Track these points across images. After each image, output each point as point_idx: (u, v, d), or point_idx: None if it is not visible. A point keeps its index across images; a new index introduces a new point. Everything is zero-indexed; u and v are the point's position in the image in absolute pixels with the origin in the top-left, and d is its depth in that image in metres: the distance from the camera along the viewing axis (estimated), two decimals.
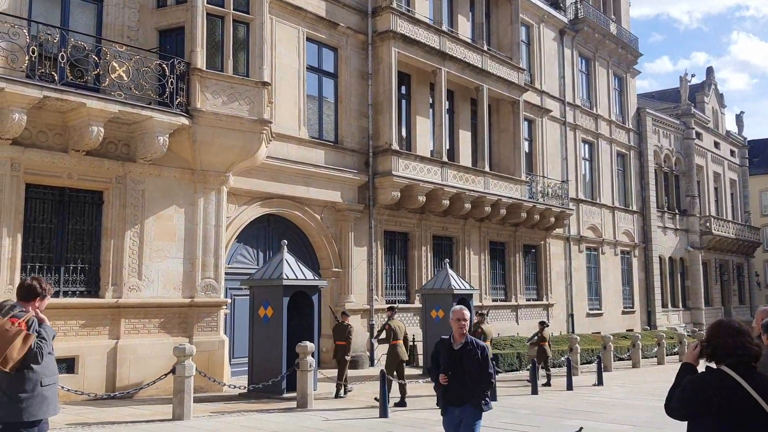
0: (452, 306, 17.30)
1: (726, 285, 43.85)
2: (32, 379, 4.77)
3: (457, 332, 6.10)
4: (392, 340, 13.45)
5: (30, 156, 12.13)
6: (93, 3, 13.88)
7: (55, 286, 12.50)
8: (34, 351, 4.73)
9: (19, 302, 4.99)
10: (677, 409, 3.36)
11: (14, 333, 4.67)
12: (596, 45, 32.33)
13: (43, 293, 5.06)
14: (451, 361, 5.99)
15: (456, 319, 6.10)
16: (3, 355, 4.59)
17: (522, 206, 24.37)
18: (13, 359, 4.64)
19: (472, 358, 5.98)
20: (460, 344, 6.06)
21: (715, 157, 43.76)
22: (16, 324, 4.73)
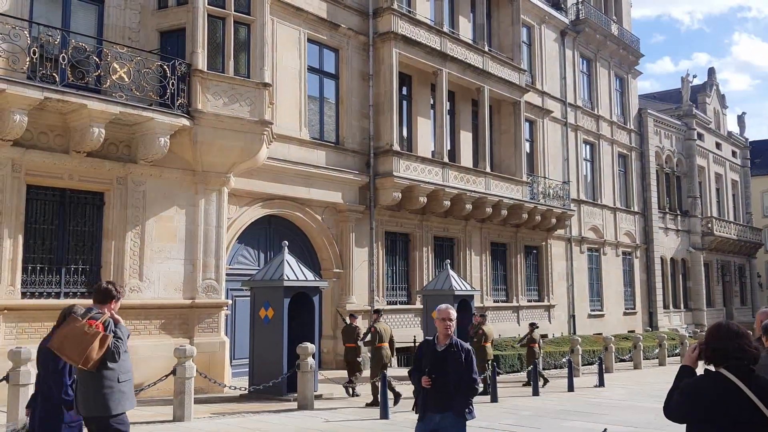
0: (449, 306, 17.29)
1: (728, 286, 43.80)
2: (110, 376, 5.21)
3: (442, 333, 5.71)
4: (377, 343, 13.48)
5: (31, 157, 12.14)
6: (94, 4, 13.90)
7: (55, 287, 12.53)
8: (112, 350, 5.15)
9: (95, 305, 5.38)
10: (675, 411, 3.35)
11: (93, 335, 5.08)
12: (597, 46, 32.32)
13: (117, 296, 5.47)
14: (435, 363, 5.60)
15: (441, 319, 5.70)
16: (84, 355, 5.02)
17: (523, 207, 24.36)
18: (93, 359, 5.06)
19: (457, 361, 5.59)
20: (444, 346, 5.68)
21: (717, 158, 43.72)
22: (94, 326, 5.13)
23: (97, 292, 5.48)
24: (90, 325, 5.12)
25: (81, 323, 5.13)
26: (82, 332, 5.09)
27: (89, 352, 5.05)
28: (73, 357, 5.10)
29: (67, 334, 5.13)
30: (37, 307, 12.07)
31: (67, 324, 5.21)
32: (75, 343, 5.08)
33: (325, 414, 11.78)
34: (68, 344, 5.10)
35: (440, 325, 5.71)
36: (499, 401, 13.52)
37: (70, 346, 5.09)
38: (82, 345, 5.05)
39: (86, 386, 5.21)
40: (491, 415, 11.86)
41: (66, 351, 5.13)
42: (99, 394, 5.17)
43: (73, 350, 5.08)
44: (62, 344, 5.15)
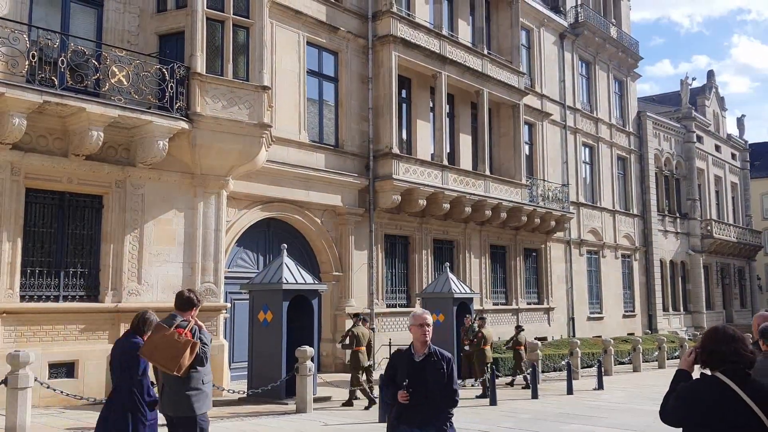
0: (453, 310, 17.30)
1: (727, 288, 43.81)
2: (197, 378, 5.59)
3: (419, 340, 5.16)
4: (355, 347, 13.55)
5: (30, 160, 12.15)
6: (93, 8, 13.92)
7: (54, 290, 12.53)
8: (200, 356, 5.52)
9: (177, 311, 5.68)
10: (672, 415, 3.36)
11: (184, 343, 5.40)
12: (596, 49, 32.36)
13: (198, 303, 5.80)
14: (413, 375, 5.05)
15: (418, 325, 5.16)
16: (177, 363, 5.35)
17: (522, 210, 24.37)
18: (184, 366, 5.41)
19: (437, 371, 5.09)
20: (422, 355, 5.14)
21: (716, 160, 43.75)
22: (183, 334, 5.45)
23: (180, 300, 5.75)
24: (179, 334, 5.43)
25: (170, 332, 5.42)
26: (173, 341, 5.38)
27: (182, 360, 5.35)
28: (167, 365, 5.37)
29: (158, 342, 5.39)
30: (35, 311, 12.08)
31: (156, 332, 5.48)
32: (167, 352, 5.36)
33: (324, 418, 11.77)
34: (160, 353, 5.37)
35: (417, 331, 5.18)
36: (498, 404, 13.51)
37: (162, 355, 5.37)
38: (174, 353, 5.35)
39: (175, 389, 5.56)
40: (490, 418, 11.86)
41: (158, 359, 5.39)
42: (186, 395, 5.54)
43: (165, 358, 5.36)
44: (153, 352, 5.40)
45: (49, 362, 12.06)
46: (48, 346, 12.10)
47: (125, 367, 5.70)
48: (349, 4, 20.03)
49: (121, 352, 5.77)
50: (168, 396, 5.64)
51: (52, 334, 12.24)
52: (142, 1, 14.30)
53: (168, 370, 5.40)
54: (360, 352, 13.51)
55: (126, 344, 5.78)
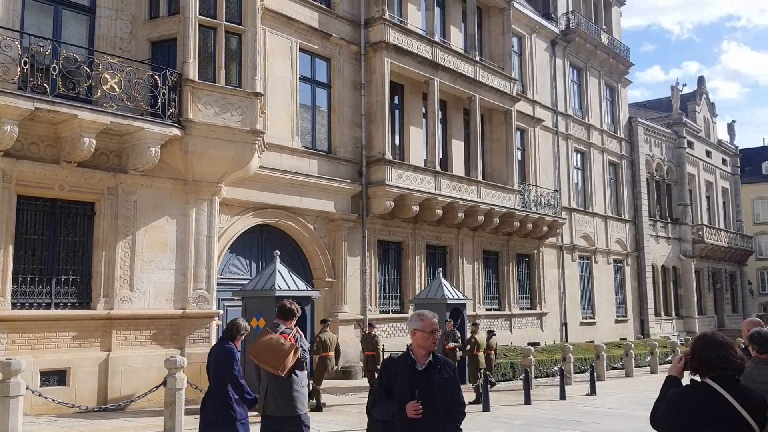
0: (446, 316, 17.33)
1: (719, 293, 44.00)
2: (298, 381, 6.11)
3: (425, 347, 4.51)
4: (322, 352, 13.79)
5: (22, 167, 12.11)
6: (85, 14, 13.91)
7: (46, 297, 12.48)
8: (302, 360, 6.10)
9: (279, 320, 6.31)
10: (662, 421, 3.37)
11: (289, 347, 5.99)
12: (588, 55, 32.54)
13: (297, 313, 6.39)
14: (416, 387, 4.39)
15: (429, 332, 4.49)
16: (282, 364, 5.92)
17: (515, 215, 24.44)
18: (288, 367, 5.96)
19: (445, 381, 4.47)
20: (425, 363, 4.50)
21: (707, 165, 43.99)
22: (288, 339, 6.05)
23: (282, 310, 6.37)
24: (285, 339, 6.04)
25: (276, 337, 6.04)
26: (279, 345, 5.99)
27: (285, 362, 5.94)
28: (274, 365, 5.95)
29: (265, 346, 6.02)
30: (27, 318, 12.02)
31: (263, 337, 6.10)
32: (274, 354, 5.97)
33: (317, 424, 11.73)
34: (268, 355, 5.98)
35: (425, 339, 4.51)
36: (492, 410, 13.53)
37: (269, 357, 5.97)
38: (280, 356, 5.95)
39: (279, 390, 6.05)
40: (483, 424, 11.87)
41: (266, 360, 5.99)
42: (289, 396, 6.04)
43: (273, 360, 5.95)
44: (262, 355, 6.01)
45: (40, 370, 11.99)
46: (40, 353, 12.04)
47: (220, 370, 6.38)
48: (342, 10, 20.09)
49: (216, 358, 6.47)
50: (273, 397, 6.09)
51: (43, 341, 12.17)
52: (134, 8, 14.30)
53: (274, 370, 5.95)
54: (327, 358, 13.73)
55: (221, 350, 6.50)
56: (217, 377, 6.46)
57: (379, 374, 4.74)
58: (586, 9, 33.65)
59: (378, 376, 4.74)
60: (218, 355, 6.54)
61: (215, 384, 6.46)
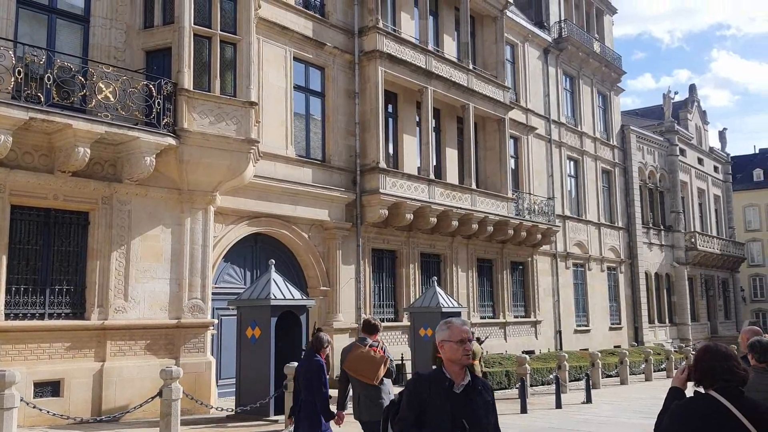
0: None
1: (712, 300, 44.13)
2: (385, 389, 6.81)
3: (457, 362, 3.72)
4: None
5: (15, 177, 12.05)
6: (79, 24, 13.88)
7: (40, 308, 12.39)
8: (391, 370, 6.86)
9: (364, 334, 7.07)
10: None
11: (379, 359, 6.78)
12: (580, 63, 32.71)
13: (380, 328, 7.20)
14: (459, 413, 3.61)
15: (457, 341, 3.73)
16: (376, 374, 6.71)
17: (509, 223, 24.48)
18: (380, 377, 6.74)
19: (487, 405, 3.75)
20: (462, 385, 3.71)
21: (699, 173, 44.22)
22: (378, 352, 6.81)
23: (368, 325, 7.14)
24: (374, 352, 6.79)
25: (366, 350, 6.80)
26: (371, 357, 6.76)
27: (379, 373, 6.71)
28: (369, 376, 6.72)
29: (359, 358, 6.79)
30: (20, 329, 11.93)
31: (355, 351, 6.85)
32: (368, 366, 6.74)
33: None
34: (362, 366, 6.76)
35: (455, 351, 3.72)
36: None
37: (364, 368, 6.75)
38: (373, 367, 6.72)
39: (370, 398, 6.75)
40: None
41: (361, 372, 6.76)
42: (380, 403, 6.66)
43: (367, 371, 6.72)
44: (357, 367, 6.78)
45: (34, 381, 11.89)
46: (33, 364, 11.95)
47: (312, 382, 6.92)
48: (336, 19, 20.13)
49: (307, 370, 7.00)
50: (364, 404, 6.78)
51: (37, 352, 12.08)
52: (128, 17, 14.29)
53: (368, 380, 6.71)
54: None
55: (311, 363, 7.02)
56: (308, 389, 6.97)
57: (406, 399, 3.78)
58: (579, 17, 33.85)
59: (403, 400, 3.79)
60: (309, 367, 7.03)
61: (307, 395, 6.96)
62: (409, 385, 3.80)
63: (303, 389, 7.00)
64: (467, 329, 3.79)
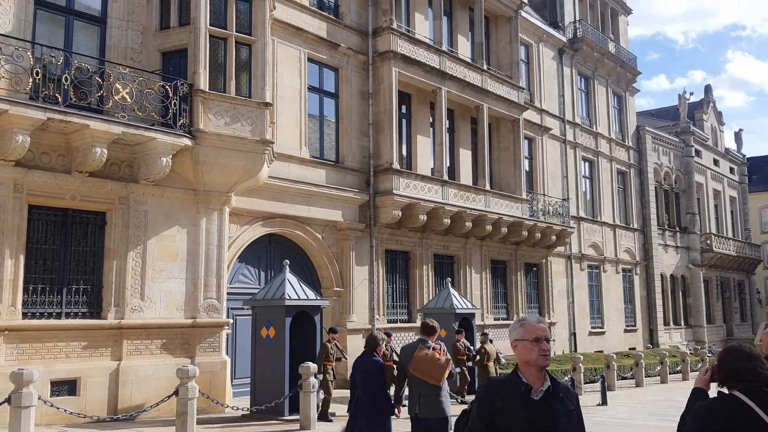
0: (454, 326, 17.30)
1: (727, 302, 43.75)
2: (444, 388, 7.20)
3: (533, 363, 3.27)
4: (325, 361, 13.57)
5: (33, 177, 12.15)
6: (96, 25, 13.98)
7: (57, 307, 12.49)
8: (452, 371, 7.28)
9: (423, 336, 7.43)
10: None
11: (444, 361, 7.15)
12: (595, 64, 32.54)
13: (438, 329, 7.59)
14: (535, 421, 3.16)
15: (532, 339, 3.28)
16: (442, 376, 7.08)
17: (523, 224, 24.38)
18: (443, 378, 7.11)
19: (570, 415, 3.29)
20: (542, 391, 3.24)
21: (715, 174, 43.86)
22: (441, 354, 7.19)
23: (425, 327, 7.50)
24: (438, 354, 7.15)
25: (431, 353, 7.13)
26: (435, 359, 7.09)
27: (445, 374, 7.08)
28: (434, 377, 7.06)
29: (423, 360, 7.10)
30: (38, 328, 12.03)
31: (419, 353, 7.15)
32: (434, 368, 7.06)
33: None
34: (428, 368, 7.06)
35: (530, 350, 3.28)
36: None
37: (429, 369, 7.06)
38: (439, 368, 7.05)
39: (430, 397, 7.08)
40: None
41: (427, 373, 7.07)
42: (439, 401, 7.09)
43: (433, 372, 7.05)
44: (423, 368, 7.08)
45: (51, 380, 11.98)
46: (50, 363, 12.04)
47: (372, 380, 7.23)
48: (350, 20, 20.15)
49: (367, 369, 7.31)
50: (425, 402, 7.09)
51: (54, 351, 12.17)
52: (145, 19, 14.38)
53: (433, 381, 7.04)
54: (332, 367, 13.66)
55: (370, 363, 7.35)
56: (369, 386, 7.24)
57: (476, 407, 3.30)
58: (593, 18, 33.69)
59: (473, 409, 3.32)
60: (370, 366, 7.37)
61: (365, 392, 7.24)
62: (479, 391, 3.36)
63: (360, 387, 7.28)
64: (543, 326, 3.35)
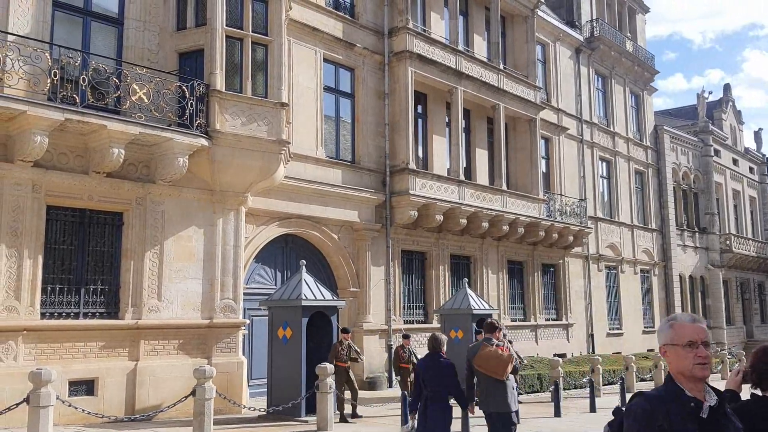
0: (471, 327, 17.16)
1: (747, 304, 43.21)
2: (509, 384, 7.60)
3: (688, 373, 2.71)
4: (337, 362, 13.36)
5: (51, 178, 12.21)
6: (113, 26, 14.03)
7: (75, 307, 12.53)
8: (516, 366, 7.78)
9: (487, 334, 7.80)
10: None
11: (507, 357, 7.53)
12: (612, 63, 32.27)
13: (500, 326, 7.97)
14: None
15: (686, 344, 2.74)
16: (505, 371, 7.47)
17: (540, 225, 24.21)
18: (507, 373, 7.52)
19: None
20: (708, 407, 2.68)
21: (734, 174, 43.34)
22: (504, 351, 7.55)
23: (488, 326, 7.90)
24: (501, 351, 7.50)
25: (494, 349, 7.52)
26: (499, 355, 7.48)
27: (507, 370, 7.47)
28: (498, 373, 7.46)
29: (488, 356, 7.49)
30: (56, 328, 12.07)
31: (483, 350, 7.55)
32: (497, 363, 7.45)
33: None
34: (492, 364, 7.46)
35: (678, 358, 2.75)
36: (522, 422, 13.28)
37: (494, 365, 7.45)
38: (502, 365, 7.45)
39: (495, 391, 7.50)
40: None
41: (491, 369, 7.46)
42: (504, 396, 7.48)
43: (497, 368, 7.44)
44: (487, 364, 7.48)
45: (69, 380, 12.02)
46: (68, 363, 12.08)
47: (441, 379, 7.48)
48: (366, 20, 20.11)
49: (438, 369, 7.53)
50: (491, 397, 7.51)
51: (72, 351, 12.22)
52: (161, 20, 14.41)
53: (497, 376, 7.44)
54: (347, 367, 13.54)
55: (439, 362, 7.58)
56: (442, 384, 7.46)
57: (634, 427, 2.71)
58: (611, 16, 33.42)
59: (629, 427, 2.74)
60: (438, 366, 7.55)
61: (434, 392, 7.46)
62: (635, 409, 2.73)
63: (428, 385, 7.51)
64: (700, 327, 2.77)
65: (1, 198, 11.70)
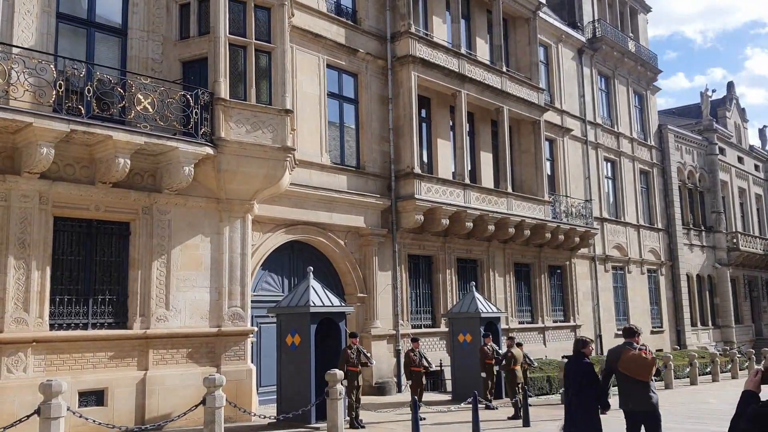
0: (480, 330, 17.20)
1: (755, 302, 43.01)
2: (651, 385, 8.04)
3: None
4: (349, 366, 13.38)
5: (58, 189, 12.23)
6: (117, 37, 14.07)
7: (83, 318, 12.54)
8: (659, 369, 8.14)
9: (627, 339, 8.18)
10: None
11: (651, 360, 8.01)
12: (615, 63, 32.23)
13: (639, 331, 8.39)
14: None
15: None
16: (650, 373, 7.94)
17: (546, 227, 24.15)
18: (651, 375, 7.98)
19: None
20: None
21: (740, 172, 43.20)
22: (647, 354, 8.01)
23: (629, 331, 8.29)
24: (644, 354, 7.96)
25: (637, 353, 7.94)
26: (643, 358, 7.91)
27: (652, 372, 7.99)
28: (641, 374, 7.90)
29: (631, 359, 7.92)
30: (65, 339, 12.08)
31: (626, 354, 7.96)
32: (642, 366, 7.89)
33: None
34: (635, 366, 7.90)
35: None
36: (532, 425, 13.27)
37: (639, 368, 7.89)
38: (646, 366, 7.91)
39: (639, 392, 7.95)
40: None
41: (636, 371, 7.89)
42: (648, 395, 7.95)
43: (642, 371, 7.88)
44: (632, 366, 7.90)
45: (78, 390, 12.02)
46: (77, 374, 12.08)
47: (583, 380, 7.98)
48: (368, 26, 20.13)
49: (578, 371, 8.08)
50: (635, 397, 7.98)
51: (81, 362, 12.22)
52: (164, 29, 14.45)
53: (642, 378, 7.89)
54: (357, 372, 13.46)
55: (581, 365, 8.12)
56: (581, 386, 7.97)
57: None
58: (612, 17, 33.39)
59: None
60: (581, 368, 8.11)
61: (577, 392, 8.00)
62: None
63: (573, 387, 8.07)
64: None
65: (9, 210, 11.74)
